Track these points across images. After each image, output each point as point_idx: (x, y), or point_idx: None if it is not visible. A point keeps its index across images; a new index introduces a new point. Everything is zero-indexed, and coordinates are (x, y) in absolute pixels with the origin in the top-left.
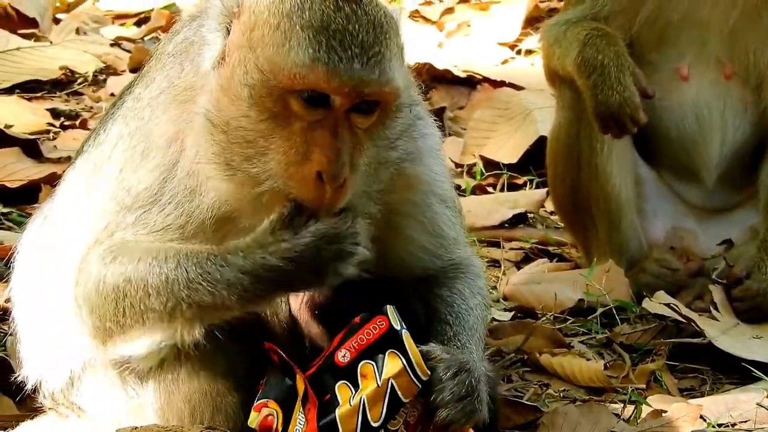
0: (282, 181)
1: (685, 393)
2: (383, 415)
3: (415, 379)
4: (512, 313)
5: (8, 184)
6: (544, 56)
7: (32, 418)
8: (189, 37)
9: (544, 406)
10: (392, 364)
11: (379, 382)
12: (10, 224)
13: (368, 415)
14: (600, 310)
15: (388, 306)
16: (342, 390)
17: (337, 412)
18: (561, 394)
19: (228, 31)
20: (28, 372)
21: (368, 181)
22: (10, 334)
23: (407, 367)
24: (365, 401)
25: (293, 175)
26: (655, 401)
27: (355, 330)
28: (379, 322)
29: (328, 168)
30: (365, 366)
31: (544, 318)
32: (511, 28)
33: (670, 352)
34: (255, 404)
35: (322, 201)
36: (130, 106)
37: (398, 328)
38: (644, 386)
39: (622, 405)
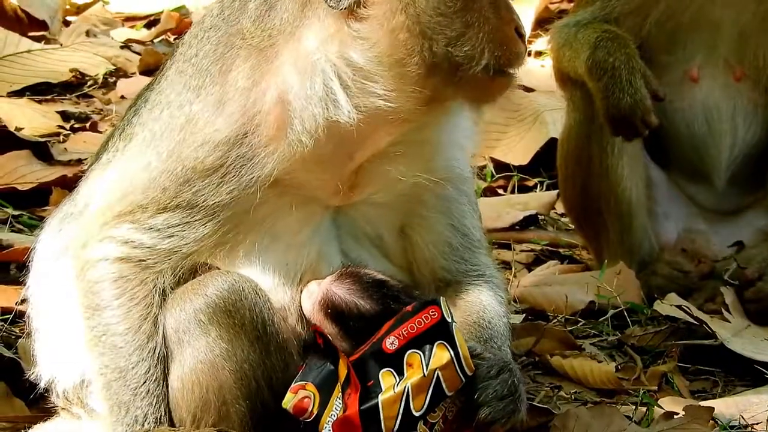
0: (490, 51)
1: (696, 395)
2: (425, 406)
3: (460, 373)
4: (523, 315)
5: (19, 187)
6: (553, 58)
7: (44, 420)
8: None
9: (555, 408)
10: (440, 355)
11: (425, 372)
12: (21, 227)
13: (411, 404)
14: (611, 312)
15: (441, 297)
16: (386, 377)
17: (380, 398)
18: (572, 396)
19: None
20: (41, 371)
21: None
22: (22, 337)
23: (455, 360)
24: (410, 390)
25: (500, 39)
26: (667, 403)
27: (406, 318)
28: (432, 312)
29: (519, 21)
30: (412, 355)
31: (555, 320)
32: None
33: (682, 354)
34: (292, 386)
35: (523, 56)
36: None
37: (450, 320)
38: (656, 388)
39: (634, 407)
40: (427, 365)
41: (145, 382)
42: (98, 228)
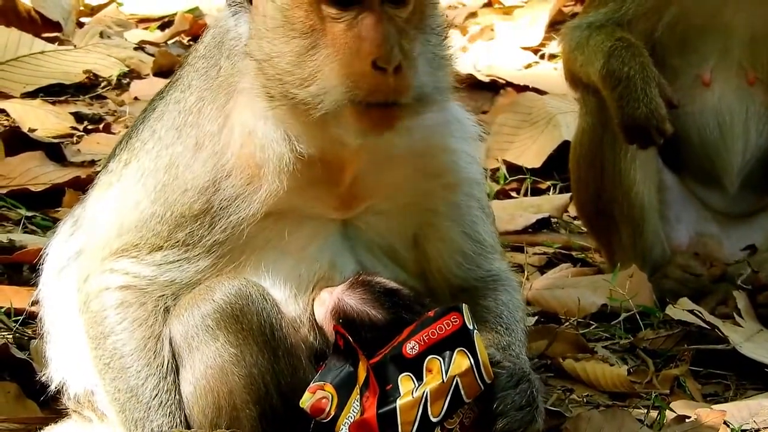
0: (341, 87)
1: (708, 398)
2: (443, 412)
3: (479, 381)
4: (536, 318)
5: (32, 188)
6: (564, 60)
7: (56, 422)
8: (217, 33)
9: (567, 411)
10: (460, 362)
11: (444, 378)
12: (34, 228)
13: (429, 410)
14: (623, 315)
15: (463, 304)
16: (405, 381)
17: (398, 402)
18: (584, 399)
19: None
20: (53, 372)
21: (435, 74)
22: (35, 338)
23: (474, 368)
24: (428, 395)
25: (350, 75)
26: (679, 407)
27: (428, 323)
28: (453, 318)
29: (380, 52)
30: (432, 360)
31: (567, 323)
32: (534, 33)
33: (694, 358)
34: (311, 385)
35: (388, 88)
36: (171, 108)
37: (471, 327)
38: (668, 392)
39: (646, 410)
40: (446, 371)
41: (156, 396)
42: (99, 262)
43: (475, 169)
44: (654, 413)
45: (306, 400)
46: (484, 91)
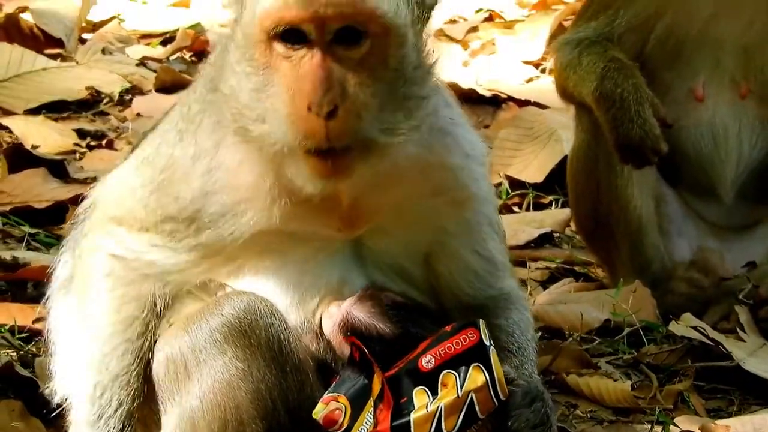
0: (286, 128)
1: (712, 414)
2: (457, 427)
3: (494, 397)
4: (539, 333)
5: (35, 205)
6: (556, 76)
7: None
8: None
9: (571, 426)
10: (475, 377)
11: (459, 393)
12: (38, 245)
13: (443, 424)
14: (627, 330)
15: (480, 320)
16: (419, 395)
17: (412, 415)
18: (588, 415)
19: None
20: (57, 387)
21: (390, 117)
22: (39, 355)
23: (489, 384)
24: (442, 410)
25: (291, 117)
26: (683, 422)
27: (445, 338)
28: (470, 334)
29: (311, 96)
30: (447, 375)
31: (570, 338)
32: (535, 47)
33: (697, 373)
34: (324, 396)
35: (321, 134)
36: (178, 108)
37: (487, 343)
38: (671, 407)
39: (650, 426)
40: (461, 386)
41: (126, 373)
42: (98, 223)
43: (482, 186)
44: (658, 428)
45: (319, 411)
46: (486, 105)
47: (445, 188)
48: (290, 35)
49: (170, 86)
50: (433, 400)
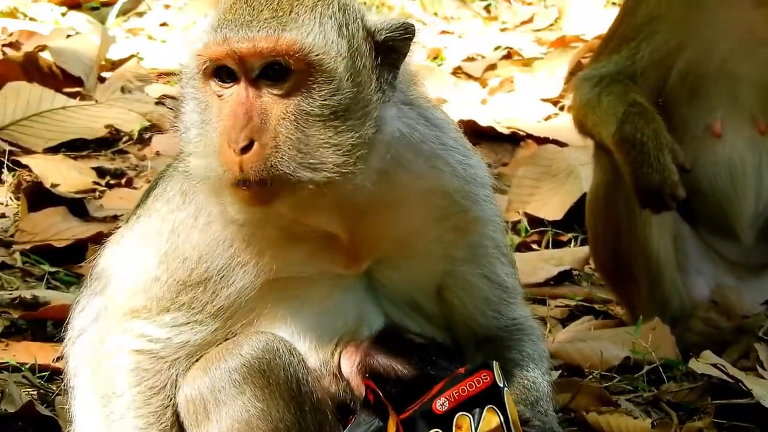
0: (215, 162)
1: None
2: None
3: None
4: (559, 371)
5: (55, 244)
6: (575, 113)
7: None
8: None
9: None
10: (490, 419)
11: None
12: (58, 283)
13: None
14: (646, 368)
15: (494, 361)
16: None
17: None
18: None
19: None
20: (78, 430)
21: (315, 152)
22: (60, 394)
23: (504, 426)
24: None
25: (216, 150)
26: None
27: (458, 380)
28: (484, 376)
29: (226, 131)
30: (461, 417)
31: (590, 376)
32: (554, 85)
33: (717, 410)
34: None
35: (236, 167)
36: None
37: (501, 385)
38: None
39: None
40: (476, 429)
41: None
42: (113, 324)
43: (485, 208)
44: None
45: None
46: (505, 143)
47: (447, 213)
48: (222, 73)
49: None
50: None
